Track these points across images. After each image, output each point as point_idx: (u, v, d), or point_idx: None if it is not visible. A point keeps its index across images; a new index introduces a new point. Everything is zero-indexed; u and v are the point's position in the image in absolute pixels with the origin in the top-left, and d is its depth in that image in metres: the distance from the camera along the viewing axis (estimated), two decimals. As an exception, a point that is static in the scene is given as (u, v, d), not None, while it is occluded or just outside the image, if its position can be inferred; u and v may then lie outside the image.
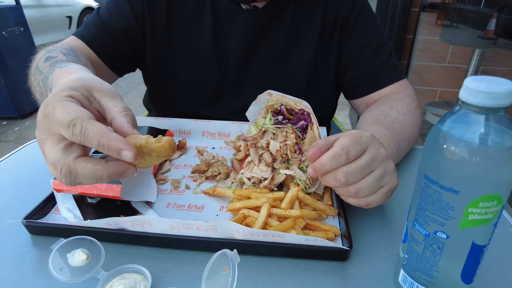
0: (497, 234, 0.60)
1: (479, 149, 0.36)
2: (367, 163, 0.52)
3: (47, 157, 0.47)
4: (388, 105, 0.84)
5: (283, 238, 0.54)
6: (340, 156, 0.50)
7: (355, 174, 0.51)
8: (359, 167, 0.51)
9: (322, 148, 0.52)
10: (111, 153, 0.45)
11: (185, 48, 0.95)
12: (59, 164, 0.46)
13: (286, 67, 0.97)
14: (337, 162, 0.50)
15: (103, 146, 0.44)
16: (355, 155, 0.51)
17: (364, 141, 0.53)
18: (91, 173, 0.46)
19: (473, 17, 2.52)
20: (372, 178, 0.53)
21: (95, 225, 0.57)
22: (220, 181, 0.74)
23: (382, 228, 0.63)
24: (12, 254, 0.58)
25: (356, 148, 0.51)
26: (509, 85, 0.35)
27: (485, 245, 0.41)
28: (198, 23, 0.93)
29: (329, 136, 0.57)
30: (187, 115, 0.96)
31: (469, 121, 0.37)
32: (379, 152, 0.54)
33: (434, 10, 2.86)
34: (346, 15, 0.94)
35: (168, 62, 0.97)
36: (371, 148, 0.53)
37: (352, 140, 0.51)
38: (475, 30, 2.47)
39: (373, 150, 0.53)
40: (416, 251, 0.45)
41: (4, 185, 0.77)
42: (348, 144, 0.51)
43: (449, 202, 0.39)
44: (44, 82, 0.69)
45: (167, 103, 1.03)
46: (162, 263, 0.55)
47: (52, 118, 0.44)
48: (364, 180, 0.52)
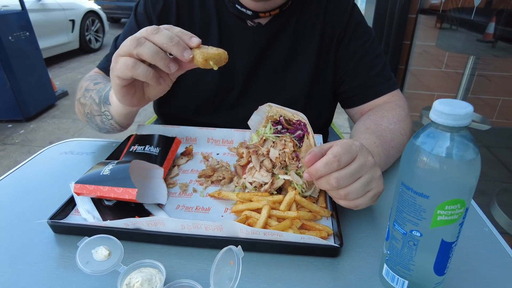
0: (473, 233, 0.68)
1: (445, 161, 0.43)
2: (356, 169, 0.59)
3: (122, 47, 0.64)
4: (380, 114, 0.91)
5: (281, 237, 0.61)
6: (333, 163, 0.57)
7: (345, 179, 0.58)
8: (349, 173, 0.58)
9: (317, 155, 0.59)
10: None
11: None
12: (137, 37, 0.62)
13: (287, 77, 1.04)
14: (329, 168, 0.58)
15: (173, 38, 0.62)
16: (345, 162, 0.58)
17: (354, 150, 0.60)
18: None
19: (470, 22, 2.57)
20: (360, 183, 0.60)
21: (114, 225, 0.64)
22: (224, 185, 0.81)
23: (370, 228, 0.70)
24: (39, 251, 0.65)
25: (347, 156, 0.58)
26: (467, 108, 0.42)
27: (453, 241, 0.48)
28: (204, 40, 1.00)
29: (324, 143, 0.64)
30: (194, 123, 1.03)
31: (437, 137, 0.44)
32: (367, 160, 0.61)
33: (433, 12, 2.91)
34: (343, 29, 1.01)
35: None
36: (360, 156, 0.60)
37: (343, 149, 0.58)
38: (473, 34, 2.52)
39: (361, 158, 0.60)
40: (396, 248, 0.52)
41: (23, 190, 0.83)
42: (339, 152, 0.58)
43: (421, 205, 0.46)
44: (104, 87, 0.85)
45: (175, 112, 1.10)
46: (174, 259, 0.62)
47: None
48: (353, 185, 0.59)
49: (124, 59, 0.64)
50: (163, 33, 0.62)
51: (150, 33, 0.62)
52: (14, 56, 3.64)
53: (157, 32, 0.62)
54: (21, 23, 3.79)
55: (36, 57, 4.03)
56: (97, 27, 7.03)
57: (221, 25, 0.98)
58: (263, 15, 0.95)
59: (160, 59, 0.63)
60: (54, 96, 4.35)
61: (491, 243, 0.67)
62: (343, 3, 1.02)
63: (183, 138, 0.99)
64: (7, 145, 3.39)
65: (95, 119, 0.91)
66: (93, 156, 0.96)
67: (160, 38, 0.62)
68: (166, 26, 0.64)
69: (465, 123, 0.42)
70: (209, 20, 0.98)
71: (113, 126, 0.91)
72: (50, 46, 5.62)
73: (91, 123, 0.95)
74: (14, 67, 3.62)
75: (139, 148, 0.85)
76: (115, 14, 9.40)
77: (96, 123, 0.93)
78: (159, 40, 0.62)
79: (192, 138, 0.99)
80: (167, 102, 1.10)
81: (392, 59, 3.02)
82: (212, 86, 1.03)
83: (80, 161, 0.94)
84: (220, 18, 0.98)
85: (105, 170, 0.73)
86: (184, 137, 0.99)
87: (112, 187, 0.69)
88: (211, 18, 0.98)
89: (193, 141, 0.99)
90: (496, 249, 0.65)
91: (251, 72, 1.02)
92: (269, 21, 0.98)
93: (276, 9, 0.94)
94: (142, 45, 0.62)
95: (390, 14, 2.90)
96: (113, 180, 0.70)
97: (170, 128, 0.99)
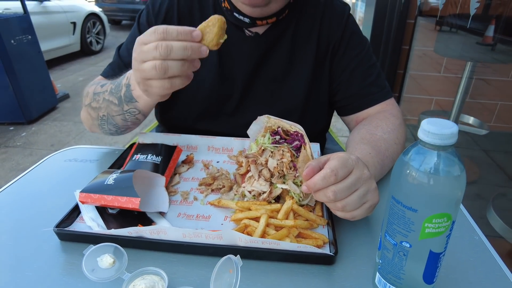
0: (463, 242, 0.70)
1: (432, 177, 0.46)
2: (353, 183, 0.62)
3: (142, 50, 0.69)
4: (374, 124, 0.94)
5: (278, 245, 0.63)
6: (330, 177, 0.60)
7: (342, 192, 0.61)
8: (345, 187, 0.61)
9: (315, 169, 0.62)
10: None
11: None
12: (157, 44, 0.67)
13: (284, 86, 1.06)
14: (327, 182, 0.61)
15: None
16: (342, 176, 0.61)
17: (350, 164, 0.63)
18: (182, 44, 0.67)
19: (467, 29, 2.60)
20: (356, 196, 0.63)
21: (118, 233, 0.67)
22: (224, 193, 0.84)
23: (364, 237, 0.72)
24: (46, 258, 0.67)
25: (344, 170, 0.61)
26: (453, 128, 0.44)
27: (440, 252, 0.51)
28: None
29: (321, 156, 0.67)
30: (195, 129, 1.06)
31: (425, 155, 0.46)
32: (363, 173, 0.64)
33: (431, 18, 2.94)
34: (338, 40, 1.03)
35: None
36: (356, 170, 0.63)
37: (340, 163, 0.61)
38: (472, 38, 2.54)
39: (357, 172, 0.63)
40: (387, 257, 0.55)
41: (29, 197, 0.86)
42: (336, 166, 0.61)
43: (410, 218, 0.49)
44: (116, 87, 0.88)
45: (177, 119, 1.13)
46: (176, 266, 0.65)
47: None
48: (349, 197, 0.62)
49: (161, 83, 0.70)
50: (175, 48, 0.67)
51: (165, 54, 0.66)
52: (16, 59, 3.67)
53: (169, 51, 0.66)
54: (23, 26, 3.83)
55: (38, 60, 4.07)
56: (98, 29, 7.06)
57: None
58: (260, 23, 0.97)
59: (188, 67, 0.70)
60: (56, 99, 4.38)
61: (480, 251, 0.69)
62: (338, 13, 1.04)
63: (184, 146, 1.01)
64: (9, 148, 3.42)
65: (113, 120, 0.92)
66: (96, 163, 0.99)
67: (178, 54, 0.67)
68: (160, 29, 0.67)
69: (450, 142, 0.44)
70: None
71: (138, 120, 0.93)
72: (52, 48, 5.66)
73: (107, 125, 0.94)
74: (16, 70, 3.65)
75: (142, 156, 0.88)
76: (116, 16, 9.44)
77: (114, 123, 0.93)
78: (178, 55, 0.67)
79: (193, 146, 1.02)
80: (169, 109, 1.13)
81: (391, 64, 3.05)
82: (212, 93, 1.05)
83: (83, 169, 0.97)
84: None
85: (109, 179, 0.75)
86: (185, 145, 1.02)
87: (116, 196, 0.71)
88: None
89: (194, 149, 1.02)
90: (485, 258, 0.68)
91: (249, 80, 1.05)
92: (266, 30, 1.00)
93: (273, 17, 0.96)
94: (169, 68, 0.68)
95: (389, 19, 2.94)
96: (117, 189, 0.73)
97: (171, 136, 1.01)
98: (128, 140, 3.51)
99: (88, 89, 0.99)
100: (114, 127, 0.95)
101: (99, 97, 0.92)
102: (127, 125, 0.94)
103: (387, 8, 2.91)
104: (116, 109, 0.89)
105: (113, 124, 0.94)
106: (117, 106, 0.88)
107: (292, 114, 1.08)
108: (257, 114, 0.87)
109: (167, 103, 1.13)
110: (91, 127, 1.01)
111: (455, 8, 2.65)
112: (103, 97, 0.91)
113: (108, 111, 0.90)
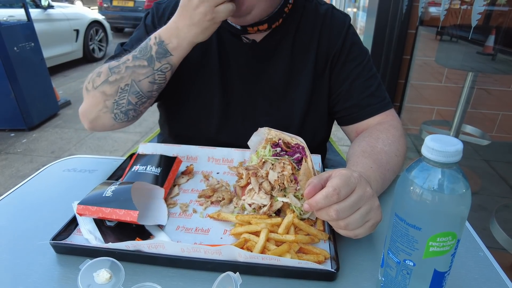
0: (468, 258, 0.69)
1: (436, 195, 0.45)
2: (355, 201, 0.61)
3: None
4: (375, 136, 0.93)
5: (279, 261, 0.62)
6: (332, 196, 0.59)
7: (344, 211, 0.60)
8: (348, 205, 0.60)
9: (317, 187, 0.61)
10: None
11: (194, 77, 1.05)
12: None
13: (284, 96, 1.05)
14: (329, 201, 0.59)
15: None
16: (345, 194, 0.60)
17: (353, 182, 0.61)
18: None
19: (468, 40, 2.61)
20: (359, 215, 0.61)
21: (115, 247, 0.66)
22: (224, 205, 0.83)
23: (366, 252, 0.71)
24: (41, 272, 0.66)
25: (346, 188, 0.60)
26: (457, 145, 0.43)
27: (445, 271, 0.49)
28: (205, 54, 1.04)
29: (323, 172, 0.66)
30: (196, 139, 1.06)
31: (429, 172, 0.46)
32: (366, 191, 0.63)
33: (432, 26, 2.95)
34: (338, 50, 1.02)
35: (179, 90, 1.07)
36: (358, 188, 0.62)
37: (343, 181, 0.60)
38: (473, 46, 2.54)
39: (360, 190, 0.62)
40: (390, 275, 0.53)
41: (26, 208, 0.85)
42: (339, 185, 0.59)
43: (414, 236, 0.47)
44: (141, 50, 0.90)
45: (177, 128, 1.13)
46: (174, 281, 0.63)
47: None
48: (352, 216, 0.61)
49: (226, 6, 0.80)
50: None
51: None
52: (19, 66, 3.69)
53: None
54: (26, 33, 3.86)
55: (41, 67, 4.09)
56: (101, 37, 7.12)
57: (220, 42, 1.03)
58: (252, 30, 0.97)
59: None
60: (57, 106, 4.39)
61: (485, 268, 0.68)
62: (339, 24, 1.03)
63: (184, 157, 1.00)
64: (9, 154, 3.41)
65: (139, 86, 0.90)
66: (96, 174, 0.98)
67: None
68: None
69: (455, 159, 0.43)
70: (210, 37, 1.02)
71: (165, 80, 0.93)
72: (54, 55, 5.70)
73: (127, 96, 0.91)
74: (19, 76, 3.67)
75: (141, 168, 0.87)
76: (119, 24, 9.51)
77: (138, 91, 0.90)
78: None
79: (193, 157, 1.01)
80: (173, 117, 1.13)
81: (392, 74, 3.06)
82: (213, 99, 1.06)
83: (82, 179, 0.96)
84: (219, 35, 1.03)
85: (107, 191, 0.74)
86: (185, 156, 1.01)
87: (114, 208, 0.70)
88: (211, 36, 1.02)
89: (193, 159, 1.01)
90: (491, 275, 0.66)
91: (247, 88, 1.05)
92: (264, 38, 1.01)
93: (264, 23, 0.96)
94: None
95: (390, 29, 2.95)
96: (115, 202, 0.72)
97: (171, 147, 1.01)
98: (128, 148, 3.51)
99: (98, 70, 0.94)
100: (137, 97, 0.91)
101: (120, 68, 0.90)
102: (152, 90, 0.92)
103: (388, 18, 2.93)
104: (145, 71, 0.88)
105: (136, 93, 0.90)
106: (146, 67, 0.88)
107: (291, 124, 1.08)
108: (257, 122, 0.86)
109: (172, 112, 1.14)
110: (98, 114, 0.94)
111: (456, 19, 2.66)
112: (125, 66, 0.89)
113: (134, 77, 0.89)
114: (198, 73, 1.05)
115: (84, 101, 0.96)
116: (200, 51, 1.03)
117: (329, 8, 1.06)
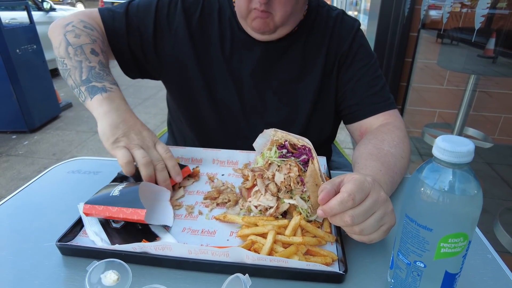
0: (476, 261, 0.68)
1: (448, 196, 0.44)
2: (370, 206, 0.61)
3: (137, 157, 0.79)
4: (380, 138, 0.93)
5: (287, 263, 0.62)
6: (347, 201, 0.59)
7: (359, 217, 0.60)
8: (363, 211, 0.60)
9: (330, 193, 0.61)
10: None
11: (206, 70, 1.07)
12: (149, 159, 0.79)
13: (292, 94, 1.09)
14: (344, 207, 0.59)
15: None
16: (359, 200, 0.60)
17: (367, 187, 0.61)
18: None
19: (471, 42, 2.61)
20: (374, 219, 0.61)
21: (122, 249, 0.65)
22: (230, 207, 0.83)
23: (374, 254, 0.70)
24: (48, 274, 0.65)
25: (361, 194, 0.60)
26: (469, 145, 0.43)
27: (456, 273, 0.49)
28: (218, 48, 1.06)
29: (334, 178, 0.65)
30: (203, 134, 1.10)
31: (440, 173, 0.45)
32: (380, 196, 0.62)
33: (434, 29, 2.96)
34: (346, 51, 1.06)
35: (189, 83, 1.09)
36: (373, 192, 0.62)
37: (357, 187, 0.60)
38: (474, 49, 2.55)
39: (374, 195, 0.62)
40: (400, 277, 0.53)
41: (31, 210, 0.84)
42: (353, 190, 0.59)
43: (425, 237, 0.47)
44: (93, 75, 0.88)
45: (184, 122, 1.16)
46: (181, 283, 0.63)
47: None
48: (367, 221, 0.61)
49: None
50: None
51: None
52: (21, 68, 3.70)
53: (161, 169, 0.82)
54: (29, 36, 3.87)
55: (42, 70, 4.10)
56: (103, 40, 7.12)
57: (234, 37, 1.05)
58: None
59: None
60: (59, 108, 4.40)
61: (494, 270, 0.67)
62: (348, 27, 1.08)
63: (189, 159, 1.00)
64: (10, 156, 3.41)
65: (68, 74, 0.91)
66: (100, 175, 0.98)
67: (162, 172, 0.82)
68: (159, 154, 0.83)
69: (466, 160, 0.43)
70: (224, 32, 1.05)
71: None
72: (56, 58, 5.69)
73: (68, 60, 0.92)
74: (21, 79, 3.68)
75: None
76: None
77: (65, 76, 0.93)
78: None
79: (198, 159, 1.01)
80: (190, 109, 1.15)
81: (394, 76, 3.06)
82: (223, 94, 1.09)
83: (87, 181, 0.96)
84: (233, 32, 1.05)
85: (114, 192, 0.74)
86: (190, 158, 1.01)
87: (121, 207, 0.70)
88: (225, 30, 1.05)
89: (198, 161, 1.01)
90: (499, 277, 0.66)
91: (257, 83, 1.08)
92: (278, 40, 1.03)
93: None
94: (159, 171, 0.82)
95: (392, 32, 2.96)
96: (122, 201, 0.71)
97: (175, 149, 1.00)
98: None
99: (83, 38, 0.94)
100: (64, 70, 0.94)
101: (79, 57, 0.90)
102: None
103: (390, 21, 2.93)
104: (75, 79, 0.89)
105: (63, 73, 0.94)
106: (77, 80, 0.88)
107: (297, 122, 1.11)
108: (264, 116, 0.87)
109: (176, 108, 1.16)
110: (57, 35, 0.99)
111: (458, 22, 2.66)
112: (81, 60, 0.90)
113: (75, 75, 0.89)
114: (209, 65, 1.07)
115: (52, 37, 1.02)
116: (217, 45, 1.05)
117: (340, 13, 1.10)
